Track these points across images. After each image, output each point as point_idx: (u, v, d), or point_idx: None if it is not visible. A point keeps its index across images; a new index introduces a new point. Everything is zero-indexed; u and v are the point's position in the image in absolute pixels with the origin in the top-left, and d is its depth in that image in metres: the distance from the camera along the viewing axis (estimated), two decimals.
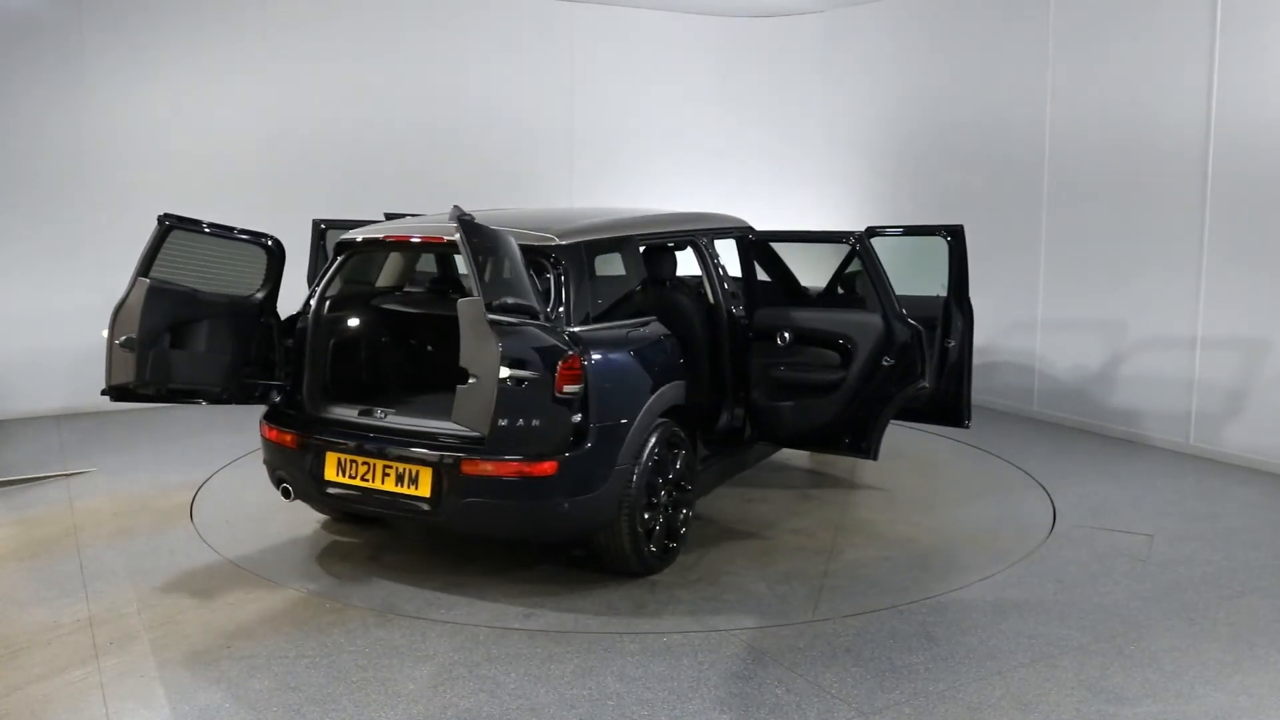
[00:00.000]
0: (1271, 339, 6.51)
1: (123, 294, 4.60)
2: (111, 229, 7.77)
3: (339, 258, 5.08)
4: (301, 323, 4.97)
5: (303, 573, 4.82)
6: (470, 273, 3.97)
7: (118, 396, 4.69)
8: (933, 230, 5.84)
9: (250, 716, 3.52)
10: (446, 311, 5.01)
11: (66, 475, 6.31)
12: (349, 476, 4.62)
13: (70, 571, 4.80)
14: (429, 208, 6.20)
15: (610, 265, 5.19)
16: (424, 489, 4.43)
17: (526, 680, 3.77)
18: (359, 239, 5.04)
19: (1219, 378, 6.80)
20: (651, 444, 4.64)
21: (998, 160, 8.29)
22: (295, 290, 5.23)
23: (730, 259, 5.65)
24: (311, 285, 5.16)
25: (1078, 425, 7.67)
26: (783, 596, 4.56)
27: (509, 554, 5.00)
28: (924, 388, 5.13)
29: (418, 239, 4.95)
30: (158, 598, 4.50)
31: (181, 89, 8.19)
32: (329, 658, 3.94)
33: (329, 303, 5.05)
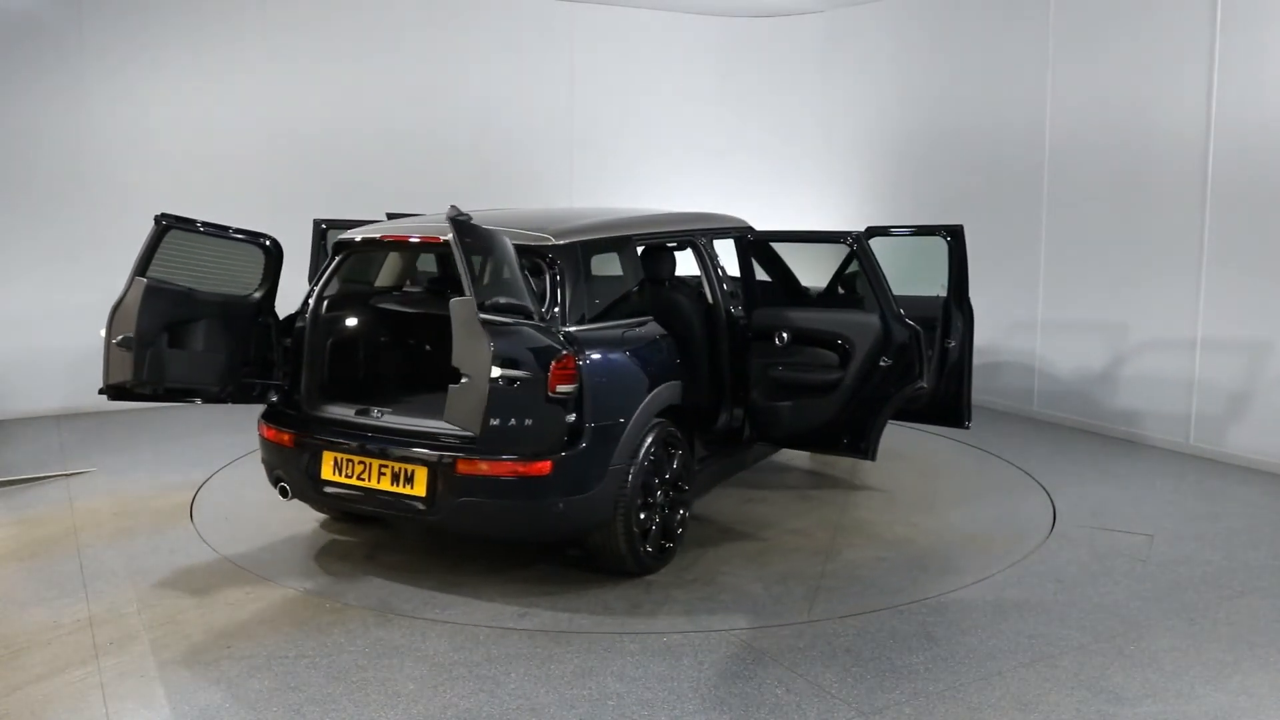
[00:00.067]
0: (1272, 339, 6.50)
1: (120, 293, 4.60)
2: (111, 228, 7.77)
3: (337, 258, 5.08)
4: (300, 322, 4.97)
5: (300, 572, 4.83)
6: (462, 272, 3.98)
7: (115, 396, 4.70)
8: (933, 230, 5.84)
9: (250, 716, 3.52)
10: (444, 311, 5.01)
11: (66, 475, 6.31)
12: (345, 476, 4.63)
13: (70, 571, 4.80)
14: (429, 207, 6.20)
15: (608, 265, 5.19)
16: (419, 488, 4.43)
17: (526, 680, 3.77)
18: (357, 239, 5.05)
19: (1219, 378, 6.80)
20: (648, 444, 4.63)
21: (998, 160, 8.29)
22: (297, 290, 5.22)
23: (730, 259, 5.65)
24: (310, 285, 5.16)
25: (1078, 425, 7.67)
26: (778, 597, 4.55)
27: (506, 554, 5.00)
28: (922, 388, 5.13)
29: (416, 239, 4.95)
30: (158, 598, 4.51)
31: (181, 89, 8.20)
32: (329, 658, 3.94)
33: (327, 302, 5.05)
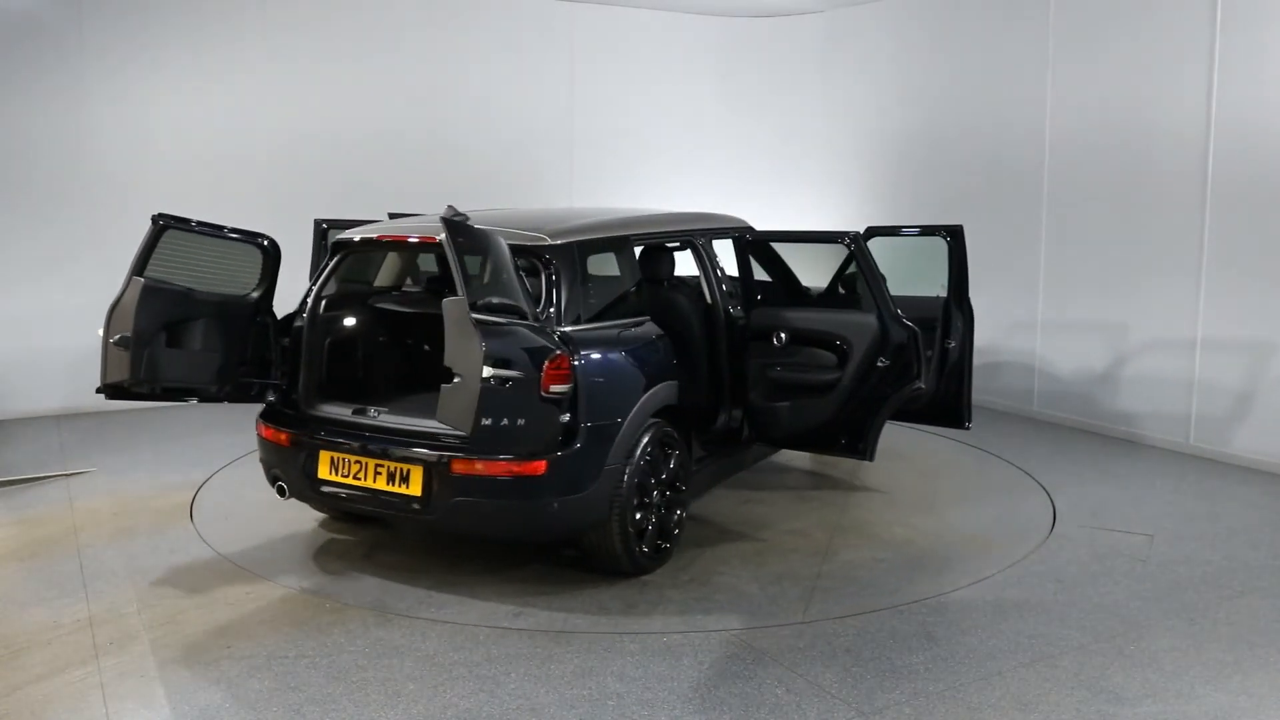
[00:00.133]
0: (1272, 339, 6.50)
1: (118, 293, 4.61)
2: (111, 228, 7.76)
3: (335, 257, 5.09)
4: (298, 322, 4.98)
5: (297, 571, 4.83)
6: (455, 272, 3.98)
7: (113, 395, 4.70)
8: (933, 230, 5.84)
9: (250, 716, 3.52)
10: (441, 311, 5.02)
11: (66, 475, 6.31)
12: (342, 475, 4.63)
13: (70, 571, 4.80)
14: (429, 207, 6.20)
15: (606, 265, 5.18)
16: (415, 488, 4.43)
17: (526, 680, 3.77)
18: (355, 239, 5.05)
19: (1219, 378, 6.80)
20: (643, 444, 4.63)
21: (998, 160, 8.28)
22: (298, 290, 5.22)
23: (729, 259, 5.64)
24: (309, 285, 5.17)
25: (1078, 425, 7.67)
26: (774, 598, 4.55)
27: (503, 553, 5.00)
28: (920, 389, 5.12)
29: (415, 239, 4.94)
30: (158, 598, 4.51)
31: (181, 89, 8.19)
32: (329, 658, 3.94)
33: (325, 302, 5.05)
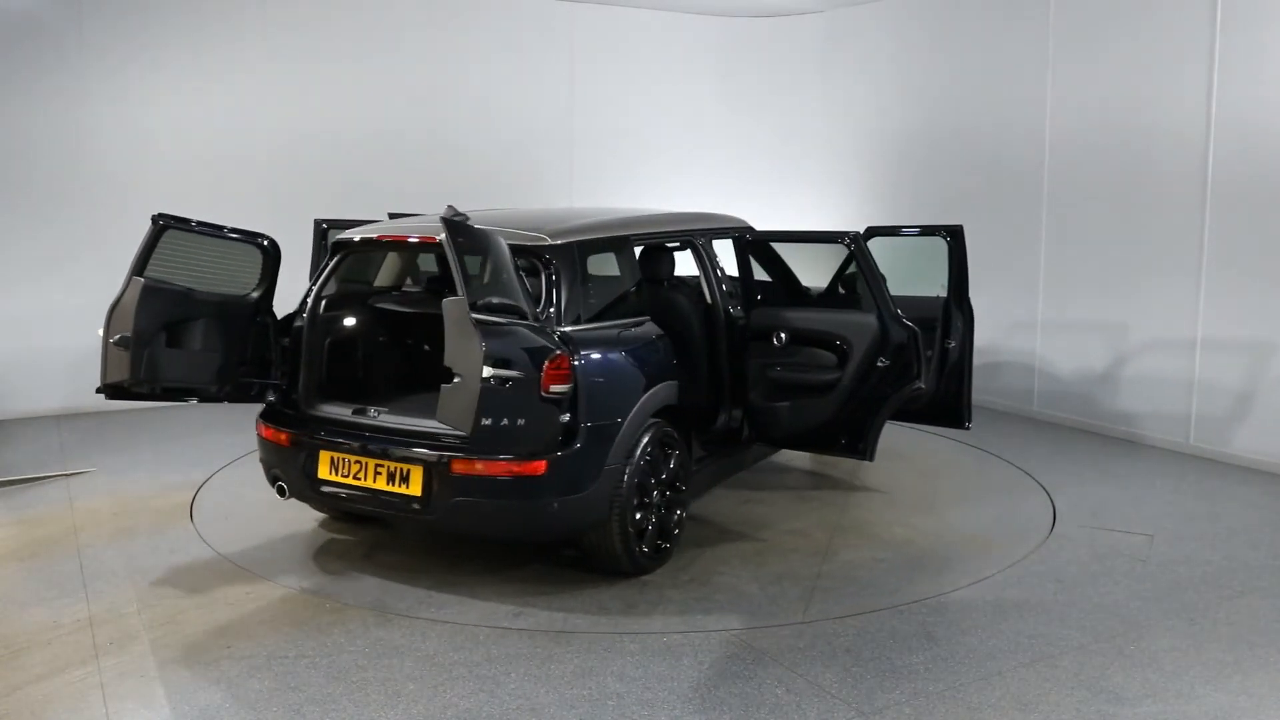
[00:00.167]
0: (1272, 339, 6.50)
1: (118, 293, 4.61)
2: (111, 228, 7.76)
3: (335, 257, 5.09)
4: (298, 322, 4.98)
5: (297, 571, 4.83)
6: (455, 272, 3.98)
7: (112, 395, 4.70)
8: (933, 230, 5.84)
9: (250, 716, 3.52)
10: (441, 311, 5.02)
11: (66, 475, 6.31)
12: (342, 475, 4.63)
13: (70, 571, 4.80)
14: (429, 207, 6.20)
15: (607, 265, 5.18)
16: (415, 488, 4.43)
17: (526, 680, 3.77)
18: (355, 239, 5.05)
19: (1219, 378, 6.79)
20: (643, 444, 4.63)
21: (998, 160, 8.28)
22: (298, 290, 5.22)
23: (729, 259, 5.64)
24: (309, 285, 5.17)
25: (1078, 425, 7.67)
26: (773, 598, 4.55)
27: (503, 553, 5.00)
28: (920, 389, 5.12)
29: (415, 239, 4.94)
30: (158, 598, 4.50)
31: (181, 89, 8.19)
32: (329, 658, 3.94)
33: (325, 302, 5.05)
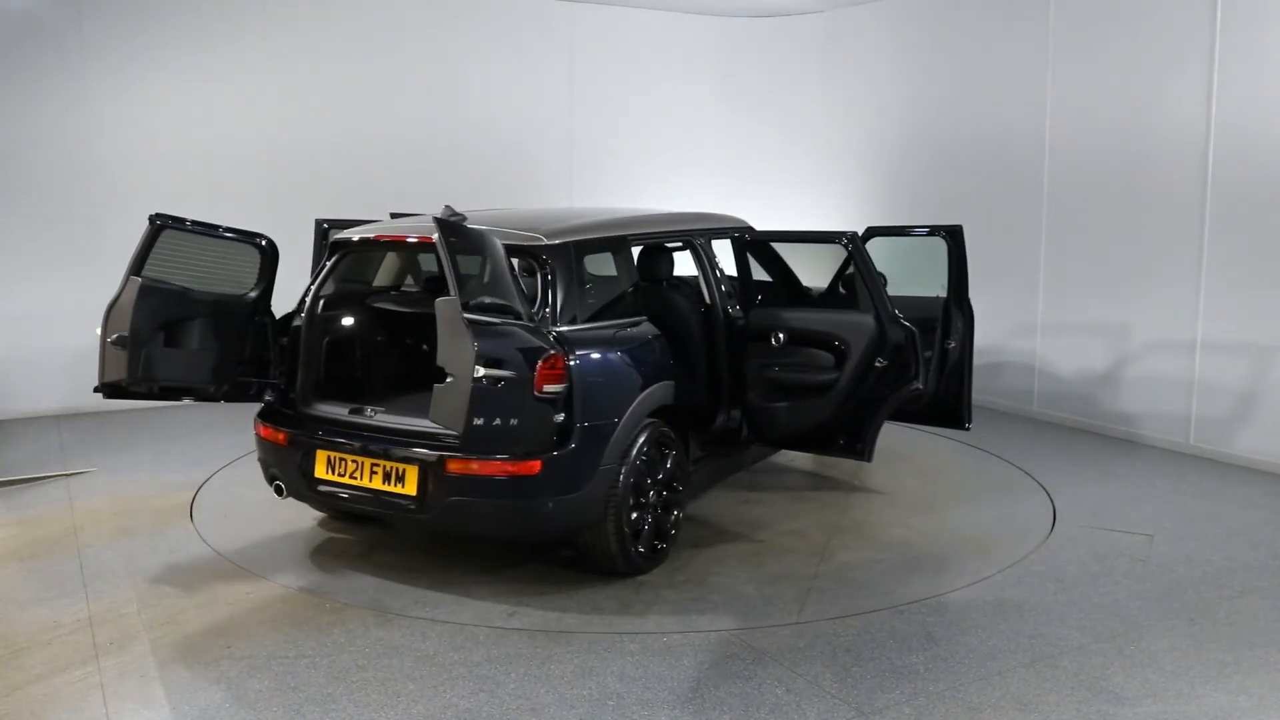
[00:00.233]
0: (1272, 340, 6.49)
1: (115, 292, 4.61)
2: (111, 228, 7.75)
3: (334, 257, 5.09)
4: (296, 321, 4.98)
5: (297, 570, 4.83)
6: (447, 272, 3.99)
7: (110, 394, 4.71)
8: (932, 231, 5.84)
9: (250, 716, 3.52)
10: None
11: (66, 475, 6.31)
12: (338, 474, 4.63)
13: (70, 571, 4.80)
14: (429, 207, 6.18)
15: (605, 265, 5.18)
16: (410, 487, 4.44)
17: (526, 680, 3.77)
18: (354, 239, 5.05)
19: (1219, 378, 6.79)
20: (640, 444, 4.63)
21: (998, 160, 8.28)
22: (298, 290, 5.22)
23: (728, 259, 5.64)
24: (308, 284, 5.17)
25: (1078, 426, 7.67)
26: (769, 598, 4.54)
27: (501, 553, 5.00)
28: (918, 389, 5.11)
29: (414, 239, 4.93)
30: (158, 598, 4.50)
31: (181, 89, 8.19)
32: (329, 658, 3.94)
33: (324, 302, 5.06)
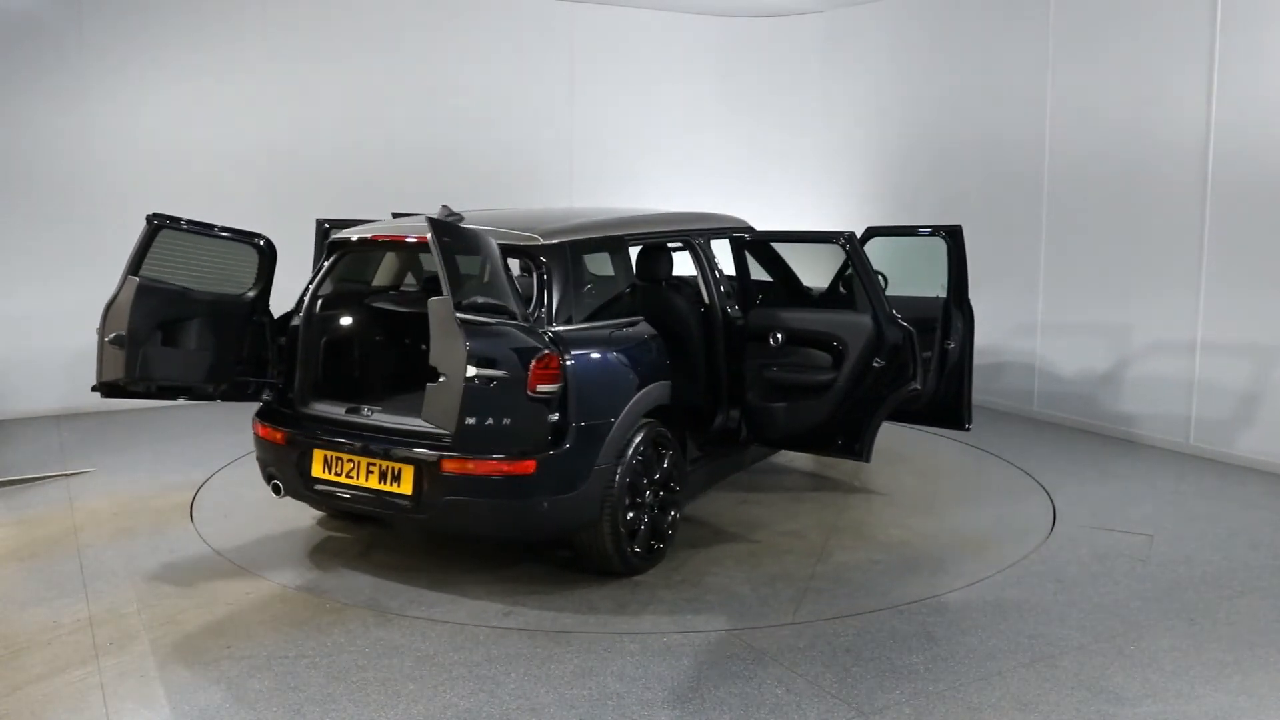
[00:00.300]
0: (1272, 340, 6.49)
1: (113, 292, 4.61)
2: (111, 227, 7.74)
3: (332, 257, 5.09)
4: (294, 321, 4.98)
5: (296, 570, 4.83)
6: (440, 272, 3.99)
7: (108, 393, 4.72)
8: (932, 231, 5.84)
9: (250, 716, 3.52)
10: None
11: (66, 475, 6.31)
12: (335, 474, 4.64)
13: (70, 571, 4.80)
14: (430, 207, 6.19)
15: (602, 265, 5.19)
16: (406, 486, 4.44)
17: (526, 680, 3.78)
18: (352, 238, 5.06)
19: (1219, 379, 6.79)
20: (636, 444, 4.63)
21: (997, 160, 8.28)
22: (298, 290, 5.22)
23: (728, 259, 5.63)
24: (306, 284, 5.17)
25: (1078, 426, 7.67)
26: (765, 599, 4.54)
27: (498, 553, 5.00)
28: (916, 390, 5.10)
29: (412, 239, 4.93)
30: (158, 598, 4.50)
31: (181, 89, 8.19)
32: (329, 658, 3.94)
33: (322, 301, 5.06)
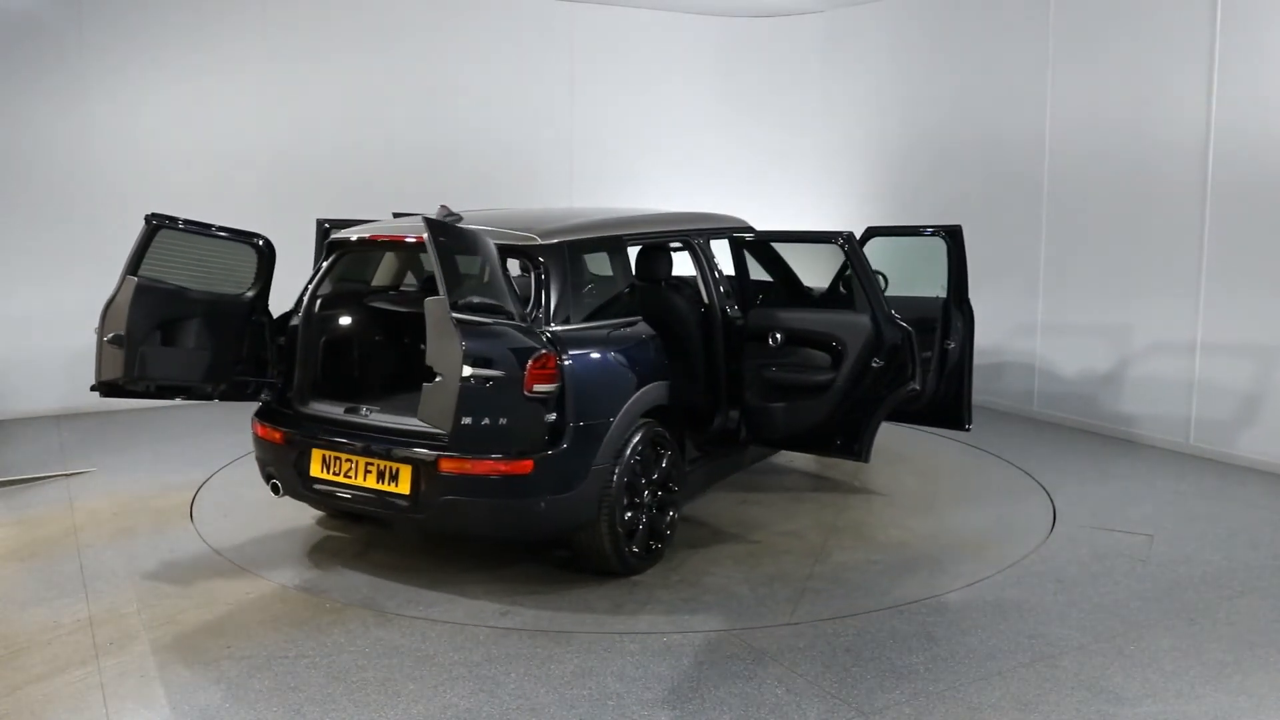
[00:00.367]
0: (1272, 341, 6.49)
1: (112, 292, 4.61)
2: (111, 227, 7.74)
3: (331, 257, 5.09)
4: (294, 321, 4.99)
5: (295, 569, 4.83)
6: (436, 272, 3.99)
7: (107, 392, 4.72)
8: (932, 231, 5.84)
9: (250, 716, 3.52)
10: None
11: (66, 475, 6.31)
12: (333, 473, 4.64)
13: (70, 571, 4.80)
14: (430, 207, 6.19)
15: (601, 265, 5.18)
16: (403, 486, 4.44)
17: (526, 680, 3.78)
18: (351, 238, 5.06)
19: (1219, 379, 6.79)
20: (634, 444, 4.63)
21: (998, 161, 8.28)
22: (298, 290, 5.22)
23: (727, 260, 5.63)
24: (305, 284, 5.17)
25: (1078, 426, 7.67)
26: (762, 599, 4.54)
27: (497, 552, 5.00)
28: (915, 390, 5.10)
29: (411, 239, 4.92)
30: (158, 598, 4.51)
31: (181, 89, 8.19)
32: (328, 658, 3.94)
33: (321, 301, 5.06)
